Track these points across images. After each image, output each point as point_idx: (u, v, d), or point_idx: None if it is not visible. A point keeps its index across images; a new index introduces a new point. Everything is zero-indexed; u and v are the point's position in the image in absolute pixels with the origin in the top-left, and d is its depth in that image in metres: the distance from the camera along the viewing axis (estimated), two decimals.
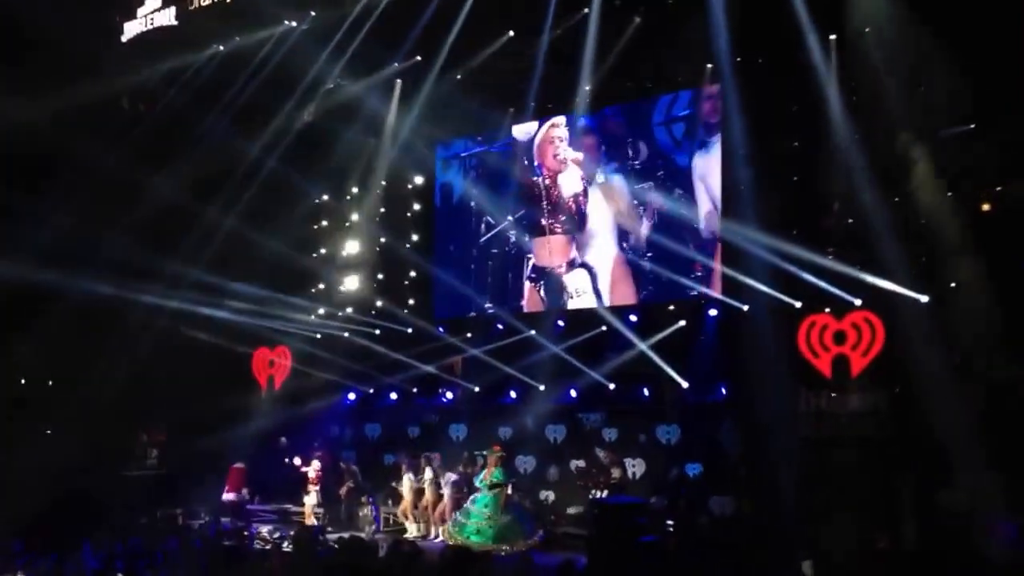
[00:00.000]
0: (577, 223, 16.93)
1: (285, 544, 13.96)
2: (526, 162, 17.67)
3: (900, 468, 12.74)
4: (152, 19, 18.63)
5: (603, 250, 16.69)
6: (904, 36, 12.93)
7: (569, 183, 17.21)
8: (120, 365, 18.72)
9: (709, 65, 15.18)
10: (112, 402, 19.18)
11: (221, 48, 17.67)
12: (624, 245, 16.44)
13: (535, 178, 17.52)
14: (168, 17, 18.52)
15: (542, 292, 17.36)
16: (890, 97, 13.21)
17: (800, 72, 14.06)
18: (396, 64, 17.23)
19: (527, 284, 17.54)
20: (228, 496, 16.82)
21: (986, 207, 13.15)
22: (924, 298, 13.01)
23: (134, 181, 18.65)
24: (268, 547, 13.73)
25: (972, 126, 13.02)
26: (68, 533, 15.25)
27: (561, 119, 17.31)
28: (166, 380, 19.17)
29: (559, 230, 17.20)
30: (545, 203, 17.43)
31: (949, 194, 13.16)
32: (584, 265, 16.87)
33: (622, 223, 16.43)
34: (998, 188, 13.14)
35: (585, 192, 16.95)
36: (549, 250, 17.28)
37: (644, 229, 16.16)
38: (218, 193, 18.97)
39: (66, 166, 18.19)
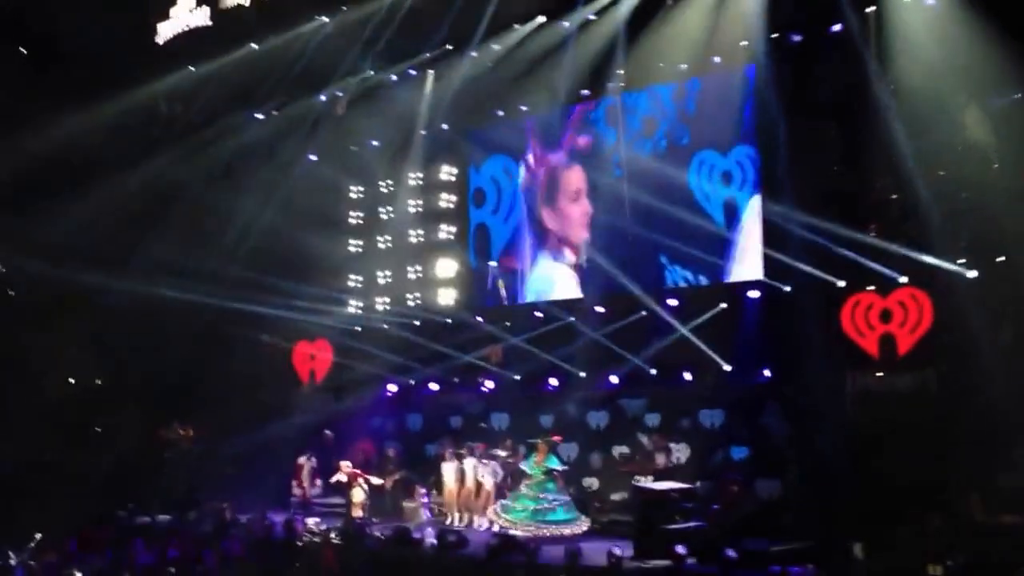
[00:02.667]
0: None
1: (333, 536, 14.04)
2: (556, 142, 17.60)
3: (954, 449, 12.48)
4: (187, 21, 18.78)
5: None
6: (946, 4, 12.66)
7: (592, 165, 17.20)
8: (161, 362, 19.02)
9: (744, 43, 14.91)
10: (156, 400, 19.53)
11: (255, 46, 17.74)
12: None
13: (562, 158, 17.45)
14: (203, 17, 18.65)
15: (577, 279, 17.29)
16: (933, 68, 12.95)
17: (839, 46, 13.85)
18: (427, 54, 17.21)
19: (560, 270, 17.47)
20: (297, 491, 16.94)
21: None
22: (972, 273, 12.74)
23: (173, 182, 18.90)
24: (317, 539, 13.81)
25: (1020, 95, 12.71)
26: (121, 531, 15.52)
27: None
28: (207, 375, 19.42)
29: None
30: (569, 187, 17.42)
31: (996, 166, 12.87)
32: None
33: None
34: None
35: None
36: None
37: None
38: (253, 188, 19.19)
39: (106, 169, 18.43)
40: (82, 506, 16.31)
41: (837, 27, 13.94)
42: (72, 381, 20.22)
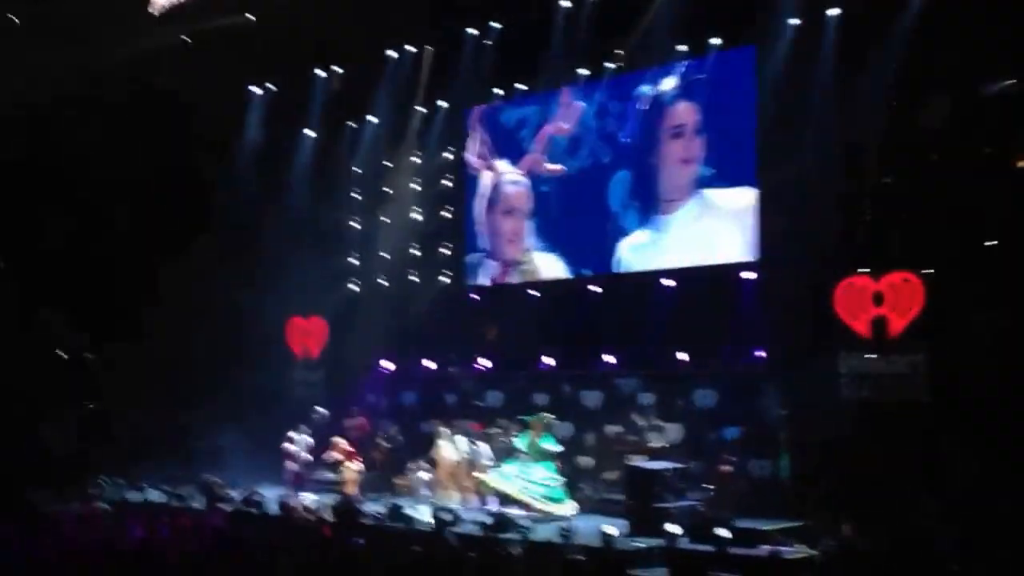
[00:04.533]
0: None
1: (326, 513, 14.10)
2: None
3: (945, 430, 12.61)
4: None
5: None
6: None
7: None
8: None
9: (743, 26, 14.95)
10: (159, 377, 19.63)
11: (251, 17, 17.66)
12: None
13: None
14: None
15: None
16: (925, 51, 12.99)
17: (835, 24, 13.90)
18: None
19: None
20: (292, 467, 16.97)
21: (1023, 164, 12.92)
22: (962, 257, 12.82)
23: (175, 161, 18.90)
24: (310, 516, 13.87)
25: (1014, 80, 12.75)
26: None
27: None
28: (200, 350, 19.50)
29: None
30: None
31: (989, 151, 12.93)
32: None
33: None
34: None
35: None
36: None
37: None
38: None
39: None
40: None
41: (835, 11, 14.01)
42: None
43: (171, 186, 19.37)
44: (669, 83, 16.33)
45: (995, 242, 12.74)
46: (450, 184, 19.28)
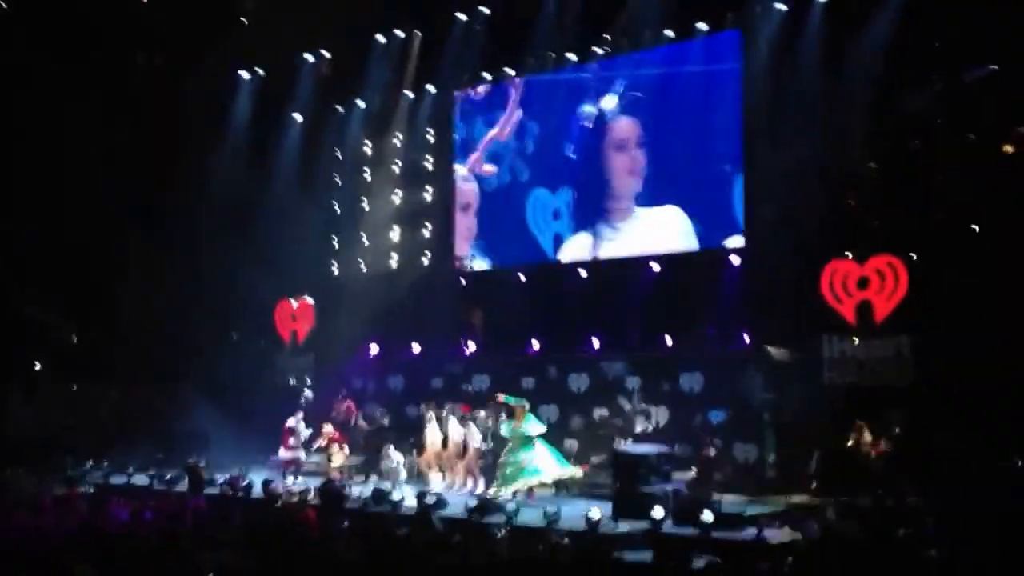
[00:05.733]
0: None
1: (311, 496, 14.11)
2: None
3: (928, 415, 12.70)
4: None
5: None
6: None
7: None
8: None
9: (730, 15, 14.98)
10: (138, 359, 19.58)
11: None
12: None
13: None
14: None
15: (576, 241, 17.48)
16: (907, 39, 13.03)
17: (821, 13, 13.89)
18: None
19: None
20: (285, 455, 16.93)
21: (1008, 149, 12.96)
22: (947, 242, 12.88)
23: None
24: (295, 499, 13.87)
25: (995, 67, 12.79)
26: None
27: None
28: (187, 332, 19.45)
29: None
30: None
31: (972, 136, 12.98)
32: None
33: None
34: (1021, 129, 12.92)
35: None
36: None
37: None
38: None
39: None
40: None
41: None
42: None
43: (157, 167, 19.22)
44: (611, 101, 16.78)
45: (978, 227, 12.79)
46: (430, 167, 19.26)
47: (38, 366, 19.75)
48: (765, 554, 10.78)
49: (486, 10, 16.87)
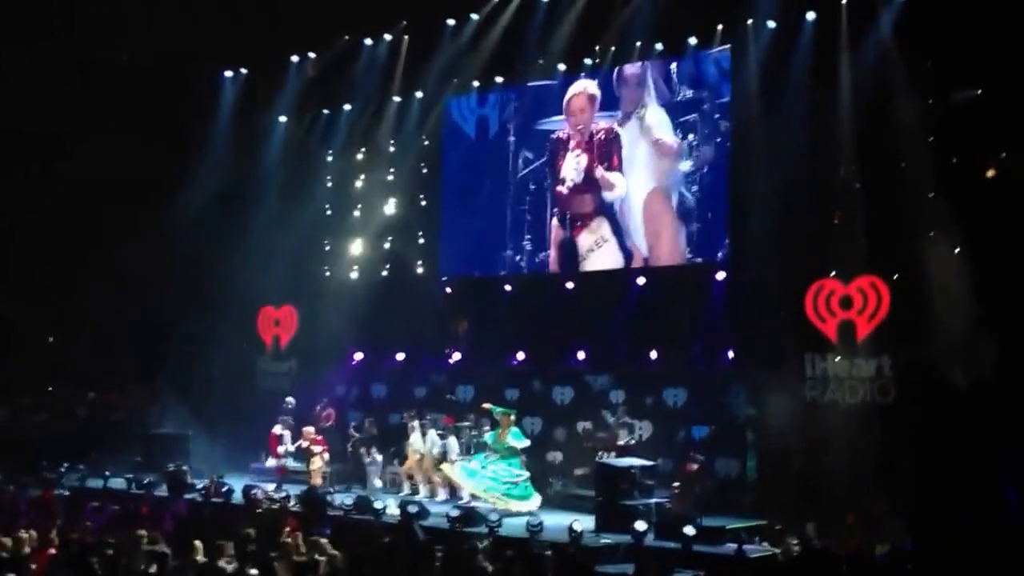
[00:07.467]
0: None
1: (292, 503, 14.05)
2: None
3: (908, 434, 12.77)
4: None
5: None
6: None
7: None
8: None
9: (720, 26, 15.04)
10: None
11: None
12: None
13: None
14: None
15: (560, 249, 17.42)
16: (896, 60, 13.14)
17: (812, 32, 14.02)
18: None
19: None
20: (271, 463, 16.78)
21: (991, 173, 13.09)
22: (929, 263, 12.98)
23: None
24: (276, 507, 13.80)
25: (979, 91, 12.92)
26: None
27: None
28: (168, 335, 19.33)
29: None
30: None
31: (955, 160, 13.10)
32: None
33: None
34: (1003, 155, 13.05)
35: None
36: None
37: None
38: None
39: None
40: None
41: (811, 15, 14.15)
42: None
43: (138, 167, 19.09)
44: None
45: (960, 248, 12.89)
46: (425, 172, 19.24)
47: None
48: (746, 568, 10.84)
49: (475, 16, 16.90)
